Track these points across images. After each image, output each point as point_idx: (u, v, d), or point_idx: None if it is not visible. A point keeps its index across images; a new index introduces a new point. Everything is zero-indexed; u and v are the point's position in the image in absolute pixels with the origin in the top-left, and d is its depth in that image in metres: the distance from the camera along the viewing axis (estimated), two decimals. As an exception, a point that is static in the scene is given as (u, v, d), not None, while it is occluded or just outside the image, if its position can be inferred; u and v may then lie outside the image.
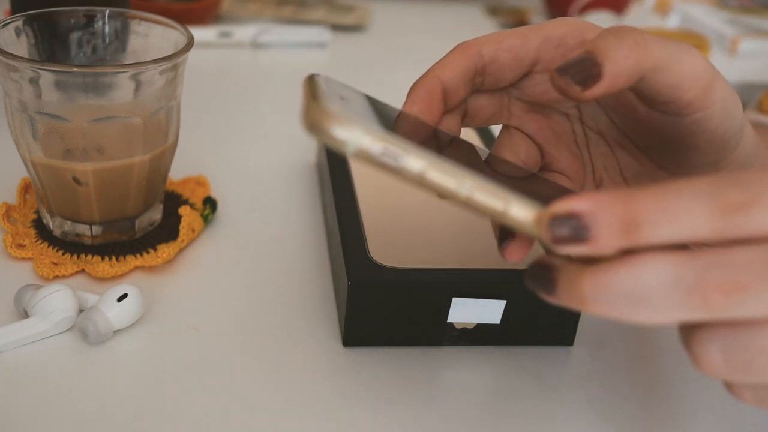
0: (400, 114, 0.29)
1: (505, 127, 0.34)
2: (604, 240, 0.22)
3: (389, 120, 0.27)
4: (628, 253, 0.22)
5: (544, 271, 0.24)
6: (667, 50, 0.27)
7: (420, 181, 0.23)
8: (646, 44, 0.27)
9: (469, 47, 0.31)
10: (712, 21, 0.95)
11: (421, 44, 0.81)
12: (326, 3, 0.89)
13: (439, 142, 0.29)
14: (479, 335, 0.36)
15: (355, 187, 0.41)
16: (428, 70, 0.31)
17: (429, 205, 0.40)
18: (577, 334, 0.37)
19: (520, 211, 0.23)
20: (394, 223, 0.39)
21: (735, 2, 1.04)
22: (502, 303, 0.35)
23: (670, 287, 0.21)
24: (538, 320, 0.36)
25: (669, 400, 0.34)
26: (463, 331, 0.36)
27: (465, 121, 0.33)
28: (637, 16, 1.01)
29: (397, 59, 0.76)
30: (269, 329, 0.36)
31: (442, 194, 0.23)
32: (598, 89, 0.27)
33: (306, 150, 0.54)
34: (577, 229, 0.22)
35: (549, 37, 0.31)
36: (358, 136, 0.22)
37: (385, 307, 0.35)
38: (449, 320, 0.35)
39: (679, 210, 0.21)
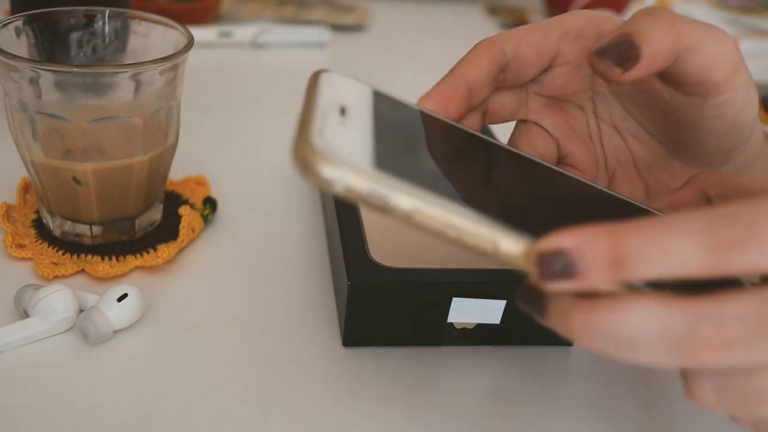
0: (412, 112, 0.28)
1: (522, 122, 0.34)
2: (592, 276, 0.21)
3: (396, 124, 0.26)
4: (621, 291, 0.21)
5: (535, 296, 0.23)
6: (699, 31, 0.27)
7: (408, 221, 0.22)
8: (681, 25, 0.27)
9: (491, 44, 0.31)
10: (712, 21, 0.95)
11: (421, 44, 0.81)
12: (326, 3, 0.89)
13: (450, 144, 0.28)
14: (479, 335, 0.36)
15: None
16: (452, 69, 0.30)
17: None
18: (577, 334, 0.37)
19: (509, 249, 0.22)
20: (394, 223, 0.39)
21: (735, 2, 1.04)
22: (502, 303, 0.35)
23: (658, 337, 0.21)
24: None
25: (669, 400, 0.34)
26: (463, 331, 0.36)
27: (486, 120, 0.33)
28: (637, 16, 1.00)
29: (397, 59, 0.76)
30: (269, 329, 0.36)
31: (430, 233, 0.23)
32: (637, 71, 0.27)
33: (306, 150, 0.54)
34: (565, 265, 0.21)
35: (569, 30, 0.31)
36: (344, 177, 0.21)
37: (385, 307, 0.35)
38: (449, 320, 0.35)
39: (669, 246, 0.20)
